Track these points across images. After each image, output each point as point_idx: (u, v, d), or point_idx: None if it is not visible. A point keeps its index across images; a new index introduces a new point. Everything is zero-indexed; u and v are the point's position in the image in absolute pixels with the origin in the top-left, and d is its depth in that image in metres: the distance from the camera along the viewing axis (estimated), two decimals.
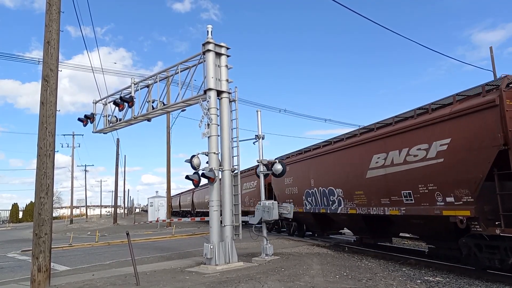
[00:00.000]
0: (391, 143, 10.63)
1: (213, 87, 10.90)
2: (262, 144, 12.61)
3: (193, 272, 9.84)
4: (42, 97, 8.94)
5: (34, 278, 8.24)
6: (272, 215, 11.71)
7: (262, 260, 11.21)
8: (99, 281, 9.02)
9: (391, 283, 7.84)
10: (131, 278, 8.99)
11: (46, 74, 8.97)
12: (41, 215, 8.48)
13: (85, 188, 65.25)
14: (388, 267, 9.75)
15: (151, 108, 13.04)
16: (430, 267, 9.57)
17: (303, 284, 7.88)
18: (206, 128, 10.83)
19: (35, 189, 8.66)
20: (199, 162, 10.60)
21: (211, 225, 10.54)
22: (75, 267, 11.85)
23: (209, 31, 11.17)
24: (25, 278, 9.57)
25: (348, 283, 7.88)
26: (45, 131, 8.77)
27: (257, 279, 8.37)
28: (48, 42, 9.05)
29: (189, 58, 11.89)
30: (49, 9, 9.14)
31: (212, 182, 10.58)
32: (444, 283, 7.87)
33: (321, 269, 9.49)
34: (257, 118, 12.85)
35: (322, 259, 11.31)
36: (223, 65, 11.27)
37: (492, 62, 24.62)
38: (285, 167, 12.52)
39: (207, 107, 10.82)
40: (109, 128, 14.57)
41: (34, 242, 8.43)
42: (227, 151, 11.04)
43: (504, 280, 7.81)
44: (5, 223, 69.83)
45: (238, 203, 11.00)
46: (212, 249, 10.23)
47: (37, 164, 8.72)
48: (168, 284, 8.42)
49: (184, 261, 12.02)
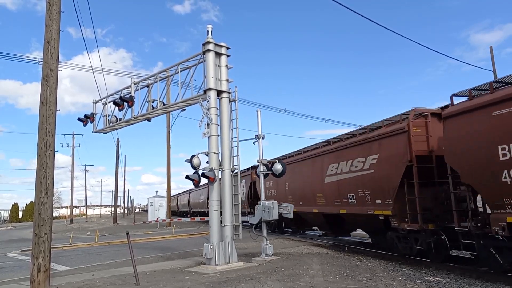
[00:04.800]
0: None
1: (213, 87, 10.90)
2: (262, 144, 12.62)
3: (193, 272, 9.84)
4: (42, 97, 8.93)
5: (34, 278, 8.23)
6: (272, 215, 11.71)
7: (262, 260, 11.21)
8: (99, 281, 9.02)
9: (391, 283, 7.84)
10: (131, 278, 8.99)
11: (46, 74, 8.97)
12: (41, 215, 8.48)
13: (85, 188, 65.45)
14: (388, 267, 9.75)
15: (151, 108, 13.03)
16: (430, 267, 9.57)
17: (303, 284, 7.88)
18: (206, 128, 10.83)
19: (35, 189, 8.65)
20: (199, 162, 10.61)
21: (211, 225, 10.54)
22: (75, 267, 11.85)
23: (209, 31, 11.16)
24: (25, 278, 9.56)
25: (348, 283, 7.88)
26: (45, 131, 8.76)
27: (257, 279, 8.37)
28: (48, 42, 9.05)
29: (189, 58, 11.88)
30: (49, 9, 9.14)
31: (212, 182, 10.58)
32: (444, 283, 7.87)
33: (321, 269, 9.49)
34: (257, 118, 12.85)
35: (322, 259, 11.31)
36: (223, 65, 11.26)
37: (492, 62, 24.62)
38: (285, 167, 12.55)
39: (207, 107, 10.81)
40: (109, 128, 14.56)
41: (34, 242, 8.42)
42: (227, 151, 11.03)
43: (504, 280, 7.82)
44: (5, 223, 69.81)
45: (238, 203, 10.99)
46: (212, 249, 10.23)
47: (37, 164, 8.71)
48: (168, 284, 8.42)
49: (184, 261, 12.02)
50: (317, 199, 14.55)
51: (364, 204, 11.74)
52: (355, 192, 12.13)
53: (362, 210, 11.79)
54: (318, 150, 14.90)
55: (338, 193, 13.07)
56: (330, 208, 13.66)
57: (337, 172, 13.12)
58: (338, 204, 13.10)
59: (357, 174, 12.03)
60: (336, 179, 13.18)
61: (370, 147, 11.56)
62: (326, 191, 13.86)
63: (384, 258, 11.22)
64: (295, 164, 16.62)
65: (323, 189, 14.06)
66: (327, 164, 13.82)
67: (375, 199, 11.25)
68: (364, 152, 11.75)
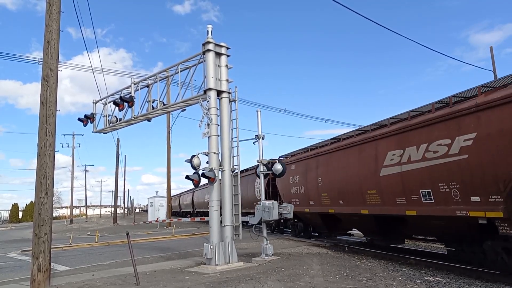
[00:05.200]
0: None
1: (213, 87, 10.90)
2: (262, 144, 12.61)
3: (193, 272, 9.84)
4: (42, 97, 8.94)
5: (34, 278, 8.24)
6: (272, 215, 11.71)
7: (262, 260, 11.21)
8: (99, 281, 9.01)
9: (391, 283, 7.84)
10: (131, 278, 8.99)
11: (46, 74, 8.97)
12: (41, 215, 8.48)
13: (85, 188, 65.50)
14: (388, 267, 9.75)
15: (151, 108, 13.03)
16: (430, 267, 9.57)
17: (303, 284, 7.88)
18: (206, 128, 10.83)
19: (35, 189, 8.65)
20: (199, 162, 10.60)
21: (211, 225, 10.54)
22: (75, 267, 11.84)
23: (209, 31, 11.17)
24: (25, 278, 9.56)
25: (348, 283, 7.88)
26: (45, 131, 8.76)
27: (257, 279, 8.37)
28: (48, 42, 9.05)
29: (189, 58, 11.88)
30: (49, 9, 9.14)
31: (212, 182, 10.58)
32: (444, 283, 7.87)
33: (321, 269, 9.49)
34: (257, 118, 12.85)
35: (322, 259, 11.31)
36: (223, 65, 11.27)
37: (492, 62, 24.68)
38: (285, 167, 12.53)
39: (207, 107, 10.81)
40: (109, 128, 14.56)
41: (34, 242, 8.43)
42: (227, 151, 11.03)
43: (504, 280, 7.81)
44: (5, 223, 69.79)
45: (238, 203, 10.99)
46: (212, 249, 10.23)
47: (37, 164, 8.72)
48: (168, 284, 8.42)
49: (184, 261, 12.02)
50: (367, 197, 11.59)
51: (448, 202, 8.80)
52: (432, 186, 9.21)
53: (445, 211, 8.88)
54: (368, 135, 11.71)
55: (403, 188, 10.14)
56: (389, 209, 10.75)
57: (401, 162, 10.19)
58: (402, 203, 10.22)
59: (436, 162, 9.04)
60: (399, 171, 10.23)
61: (459, 124, 8.50)
62: (382, 186, 10.91)
63: (384, 258, 11.22)
64: (331, 154, 13.65)
65: (377, 184, 11.08)
66: (383, 152, 10.85)
67: (470, 196, 8.30)
68: (449, 131, 8.74)
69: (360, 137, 12.20)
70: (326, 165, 13.78)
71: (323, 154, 14.15)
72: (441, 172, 8.92)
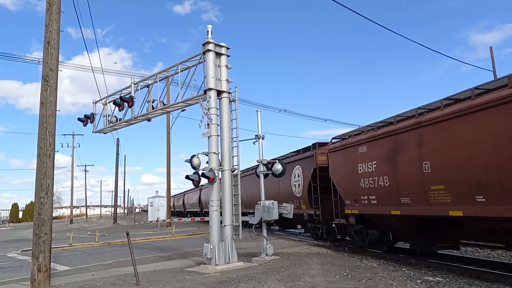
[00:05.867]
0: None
1: (213, 87, 10.90)
2: (262, 144, 12.62)
3: (193, 272, 9.85)
4: (42, 97, 8.94)
5: (34, 278, 8.24)
6: (272, 215, 11.71)
7: (262, 260, 11.21)
8: (99, 281, 9.02)
9: (391, 283, 7.84)
10: (131, 278, 9.00)
11: (46, 74, 8.98)
12: (41, 215, 8.48)
13: (85, 188, 65.43)
14: (388, 267, 9.75)
15: (151, 108, 13.03)
16: (430, 267, 9.57)
17: (303, 284, 7.88)
18: (206, 128, 10.84)
19: (35, 189, 8.66)
20: (199, 162, 10.61)
21: (211, 225, 10.54)
22: (75, 267, 11.85)
23: (209, 31, 11.17)
24: (25, 278, 9.57)
25: (348, 283, 7.88)
26: (45, 131, 8.77)
27: (257, 279, 8.37)
28: (48, 42, 9.06)
29: (189, 58, 11.88)
30: (49, 9, 9.15)
31: (212, 182, 10.59)
32: (444, 283, 7.87)
33: (321, 269, 9.49)
34: (257, 118, 12.86)
35: (322, 259, 11.31)
36: (223, 65, 11.27)
37: (492, 62, 24.66)
38: (285, 166, 12.51)
39: (207, 107, 10.82)
40: (109, 128, 14.56)
41: (34, 242, 8.43)
42: (227, 151, 11.04)
43: (504, 280, 7.81)
44: (5, 223, 69.80)
45: (238, 203, 11.00)
46: (212, 249, 10.24)
47: (37, 164, 8.72)
48: (168, 284, 8.43)
49: (184, 261, 12.03)
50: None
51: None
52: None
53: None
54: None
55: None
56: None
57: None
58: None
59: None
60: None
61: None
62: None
63: (384, 258, 11.22)
64: (453, 121, 8.42)
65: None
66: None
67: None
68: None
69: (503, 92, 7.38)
70: (440, 141, 8.70)
71: (432, 123, 9.00)
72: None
